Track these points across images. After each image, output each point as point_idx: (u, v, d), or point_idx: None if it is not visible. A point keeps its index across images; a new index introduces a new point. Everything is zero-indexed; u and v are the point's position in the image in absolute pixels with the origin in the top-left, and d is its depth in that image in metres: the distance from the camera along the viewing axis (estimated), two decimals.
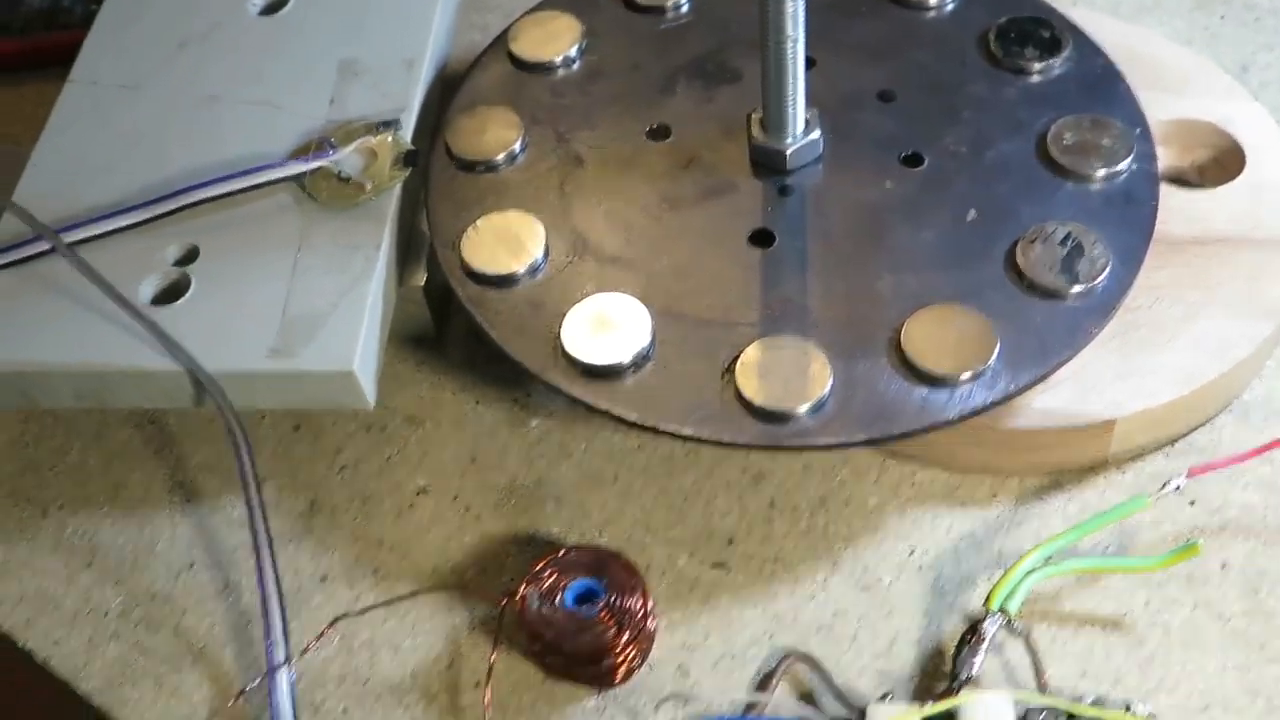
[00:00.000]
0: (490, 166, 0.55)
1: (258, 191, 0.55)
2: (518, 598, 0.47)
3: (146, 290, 0.53)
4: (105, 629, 0.52)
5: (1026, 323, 0.48)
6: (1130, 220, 0.51)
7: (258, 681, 0.49)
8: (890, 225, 0.52)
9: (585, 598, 0.47)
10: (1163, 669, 0.47)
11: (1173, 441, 0.53)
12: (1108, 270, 0.49)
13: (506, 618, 0.49)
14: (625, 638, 0.47)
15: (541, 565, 0.48)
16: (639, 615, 0.47)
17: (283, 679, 0.48)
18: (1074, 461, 0.52)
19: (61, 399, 0.52)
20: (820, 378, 0.47)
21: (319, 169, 0.55)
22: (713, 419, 0.47)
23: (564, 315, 0.50)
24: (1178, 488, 0.49)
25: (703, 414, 0.47)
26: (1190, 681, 0.47)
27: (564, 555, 0.48)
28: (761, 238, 0.52)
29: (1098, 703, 0.45)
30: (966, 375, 0.46)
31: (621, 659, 0.47)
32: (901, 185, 0.53)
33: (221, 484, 0.55)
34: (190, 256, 0.54)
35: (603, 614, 0.46)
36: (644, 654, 0.48)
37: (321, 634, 0.50)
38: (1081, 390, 0.50)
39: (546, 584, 0.47)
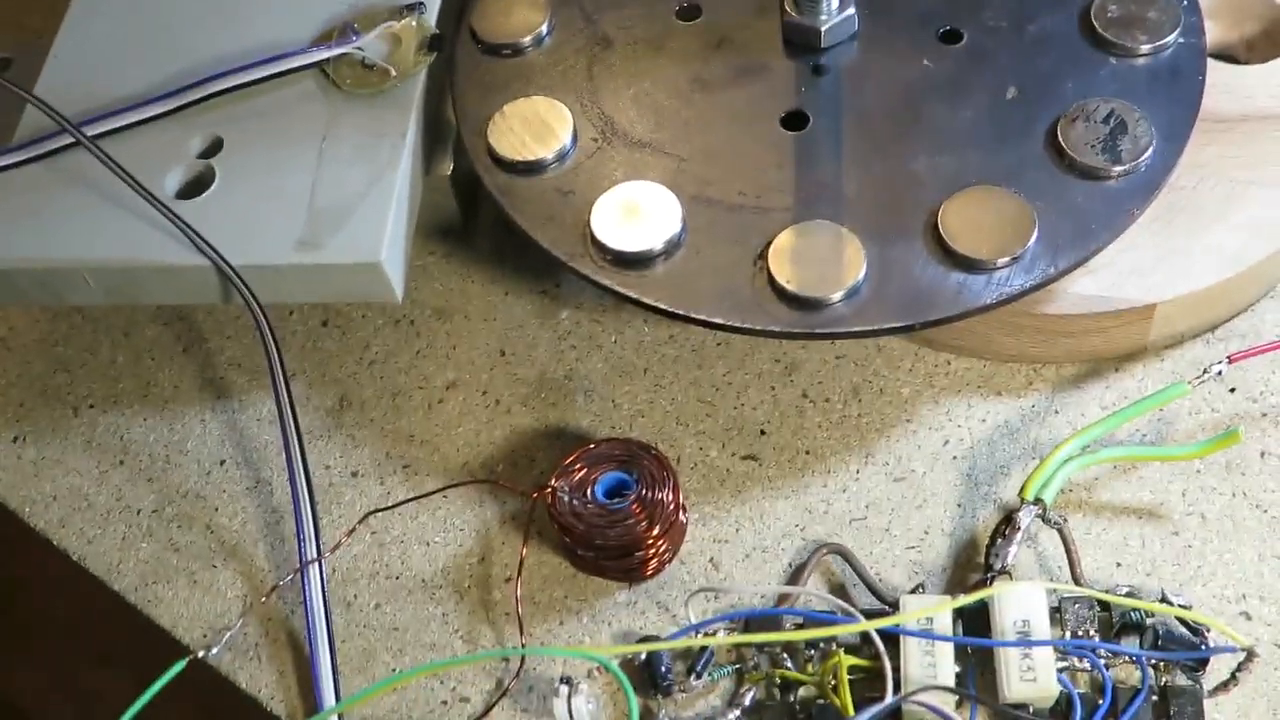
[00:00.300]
0: (517, 50, 0.54)
1: (281, 80, 0.54)
2: (548, 491, 0.47)
3: (171, 183, 0.52)
4: (138, 527, 0.52)
5: (1067, 204, 0.47)
6: (1176, 96, 0.49)
7: (290, 578, 0.49)
8: (927, 105, 0.50)
9: (616, 491, 0.47)
10: (1199, 559, 0.47)
11: (1213, 328, 0.52)
12: (1151, 149, 0.47)
13: (537, 512, 0.49)
14: (656, 531, 0.46)
15: (572, 459, 0.47)
16: (670, 508, 0.47)
17: (315, 575, 0.48)
18: (1112, 349, 0.51)
19: (88, 295, 0.52)
20: (854, 263, 0.46)
21: (343, 55, 0.53)
22: (744, 307, 0.46)
23: (593, 203, 0.49)
24: (1218, 374, 0.48)
25: (734, 302, 0.46)
26: (1226, 571, 0.46)
27: (594, 448, 0.48)
28: (795, 120, 0.51)
29: (1132, 594, 0.45)
30: (1004, 259, 0.45)
31: (652, 552, 0.47)
32: (939, 63, 0.51)
33: (250, 380, 0.55)
34: (214, 148, 0.53)
35: (634, 507, 0.46)
36: (675, 547, 0.48)
37: (353, 530, 0.50)
38: (1121, 275, 0.49)
39: (577, 477, 0.47)
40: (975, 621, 0.44)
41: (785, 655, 0.45)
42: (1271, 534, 0.47)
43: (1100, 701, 0.43)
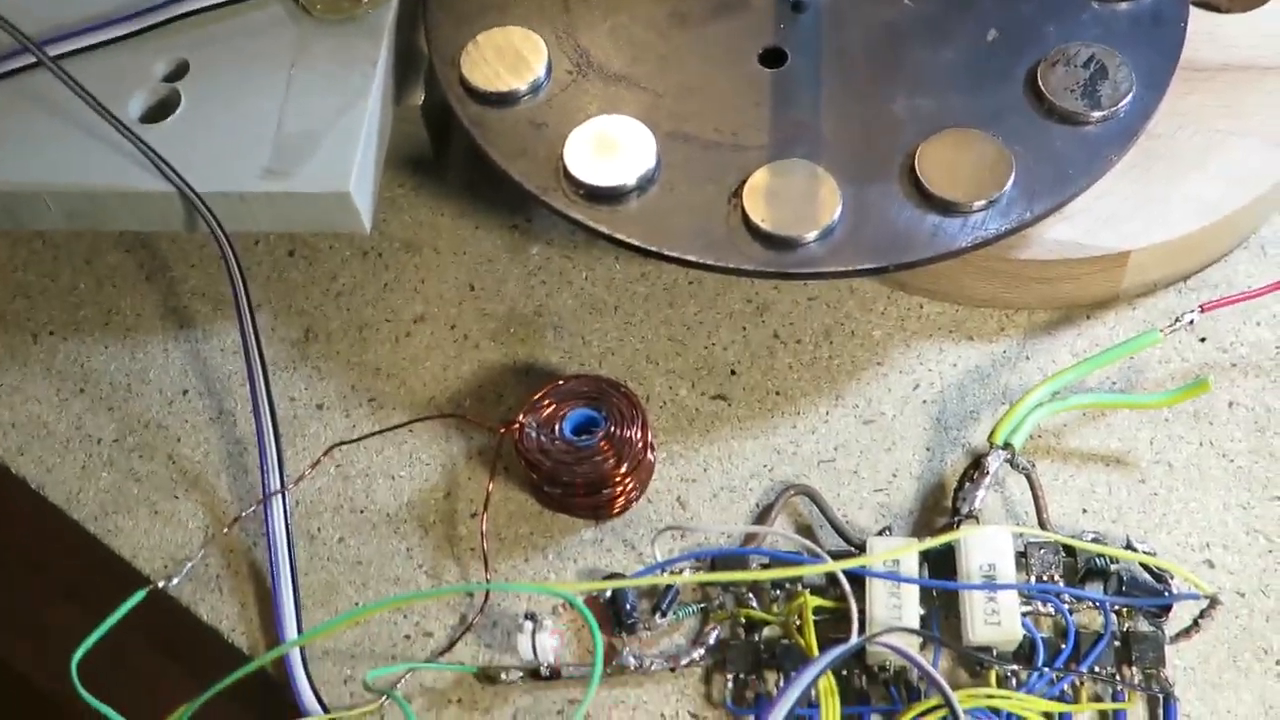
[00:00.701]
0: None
1: (250, 4, 0.53)
2: (515, 427, 0.46)
3: (135, 107, 0.51)
4: (99, 456, 0.51)
5: (1045, 149, 0.46)
6: (1157, 43, 0.49)
7: (253, 509, 0.48)
8: (907, 45, 0.50)
9: (584, 428, 0.47)
10: (1164, 507, 0.47)
11: (1186, 277, 0.52)
12: (1131, 95, 0.47)
13: (504, 448, 0.48)
14: (624, 469, 0.46)
15: (540, 394, 0.47)
16: (638, 446, 0.46)
17: (278, 507, 0.48)
18: (1085, 296, 0.51)
19: (50, 220, 0.51)
20: (830, 203, 0.45)
21: None
22: (718, 244, 0.46)
23: (567, 136, 0.48)
24: (1190, 323, 0.48)
25: (708, 239, 0.46)
26: (1191, 520, 0.46)
27: (563, 385, 0.47)
28: (773, 57, 0.50)
29: (1098, 540, 0.45)
30: (980, 203, 0.45)
31: (620, 490, 0.47)
32: (920, 2, 0.51)
33: (215, 310, 0.55)
34: (180, 72, 0.52)
35: (601, 444, 0.46)
36: (642, 485, 0.48)
37: (317, 462, 0.50)
38: (1096, 221, 0.49)
39: (545, 413, 0.47)
40: (941, 565, 0.45)
41: (750, 595, 0.45)
42: (1236, 483, 0.47)
43: (1063, 646, 0.43)
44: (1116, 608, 0.43)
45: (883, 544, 0.44)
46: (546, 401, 0.47)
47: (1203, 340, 0.50)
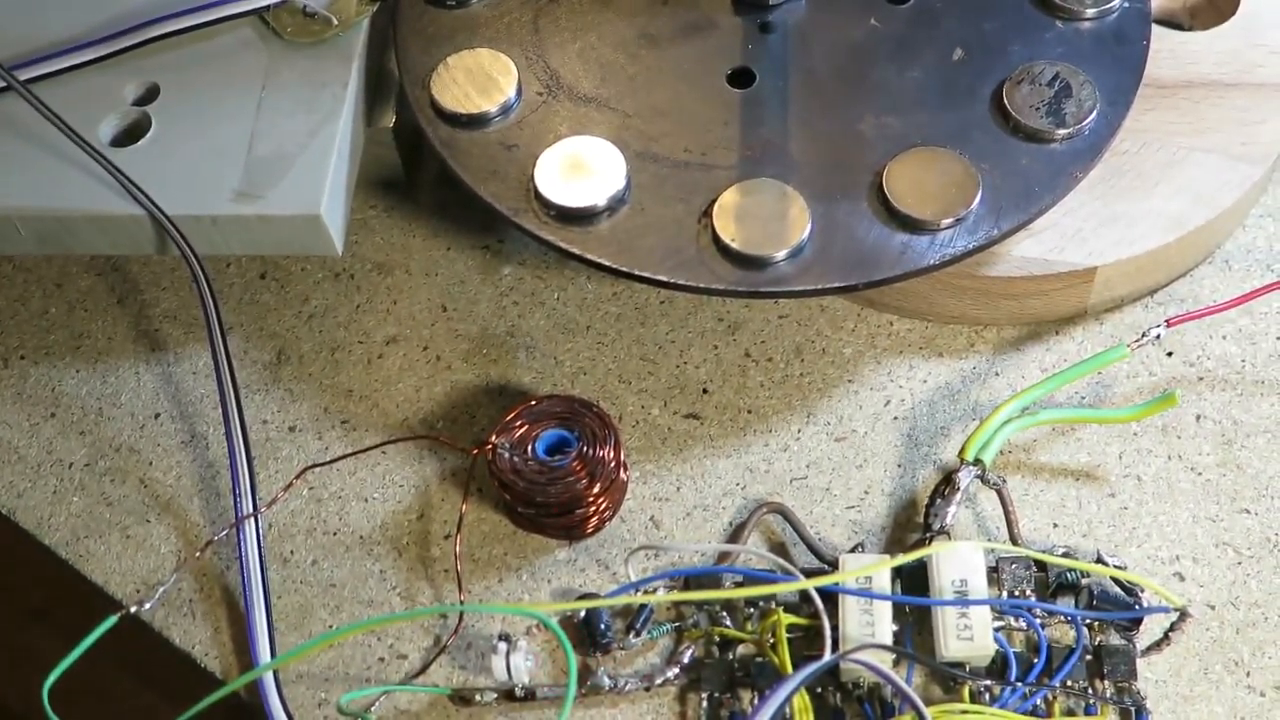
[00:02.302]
0: (461, 1, 0.53)
1: (220, 26, 0.53)
2: (488, 448, 0.46)
3: (106, 130, 0.51)
4: (70, 480, 0.51)
5: (1011, 166, 0.47)
6: (1120, 61, 0.49)
7: (225, 533, 0.48)
8: (874, 65, 0.50)
9: (557, 448, 0.47)
10: (1134, 520, 0.47)
11: (1152, 292, 0.52)
12: (1095, 113, 0.47)
13: (477, 469, 0.49)
14: (597, 489, 0.46)
15: (512, 415, 0.47)
16: (611, 465, 0.46)
17: (250, 530, 0.48)
18: (1053, 312, 0.51)
19: (20, 244, 0.51)
20: (799, 222, 0.46)
21: (284, 3, 0.53)
22: (688, 264, 0.46)
23: (537, 157, 0.48)
24: (1157, 338, 0.48)
25: (678, 259, 0.46)
26: (1161, 533, 0.47)
27: (535, 405, 0.47)
28: (741, 77, 0.50)
29: (1068, 554, 0.45)
30: (948, 220, 0.45)
31: (593, 510, 0.47)
32: (887, 22, 0.51)
33: (186, 333, 0.54)
34: (150, 95, 0.52)
35: (574, 464, 0.46)
36: (615, 505, 0.48)
37: (290, 485, 0.50)
38: (1063, 238, 0.50)
39: (518, 434, 0.47)
40: (914, 581, 0.45)
41: (724, 613, 0.45)
42: (1205, 496, 0.47)
43: (1035, 660, 0.43)
44: (1088, 622, 0.44)
45: (855, 561, 0.45)
46: (519, 422, 0.47)
47: (1169, 355, 0.50)
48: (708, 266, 0.46)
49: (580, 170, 0.48)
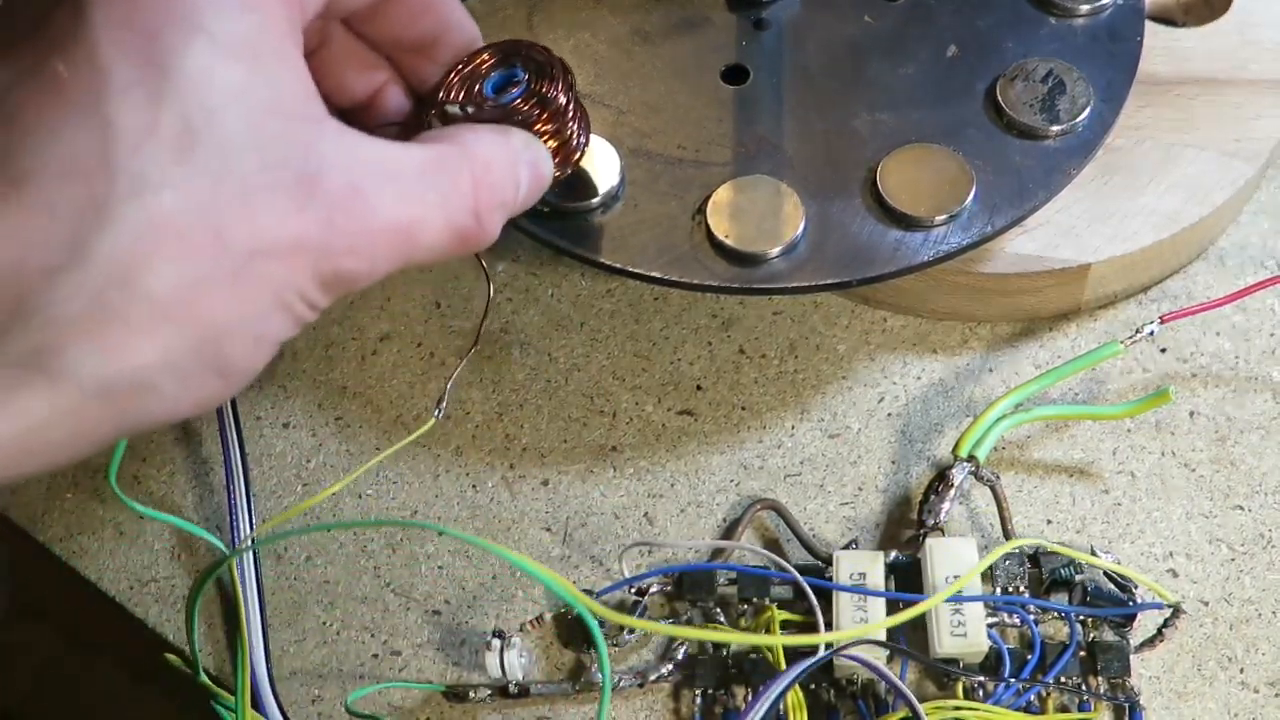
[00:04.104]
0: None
1: None
2: (433, 114, 0.40)
3: None
4: (63, 476, 0.51)
5: (1005, 163, 0.47)
6: (1114, 57, 0.49)
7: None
8: (868, 61, 0.50)
9: (503, 88, 0.41)
10: (1127, 517, 0.47)
11: (1146, 289, 0.52)
12: (1089, 109, 0.47)
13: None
14: (570, 107, 0.41)
15: (450, 75, 0.41)
16: (561, 88, 0.41)
17: (244, 526, 0.48)
18: (1047, 308, 0.51)
19: None
20: (793, 219, 0.46)
21: None
22: (683, 261, 0.46)
23: None
24: (1151, 334, 0.48)
25: (673, 256, 0.46)
26: (1154, 529, 0.47)
27: (464, 67, 0.41)
28: (735, 74, 0.50)
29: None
30: (942, 217, 0.45)
31: (573, 132, 0.41)
32: (881, 19, 0.51)
33: None
34: None
35: (522, 100, 0.40)
36: (586, 130, 0.42)
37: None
38: (1056, 234, 0.50)
39: (463, 90, 0.40)
40: (907, 577, 0.45)
41: (718, 610, 0.45)
42: (1199, 493, 0.47)
43: (1029, 656, 0.43)
44: (1081, 618, 0.44)
45: (849, 557, 0.45)
46: (454, 79, 0.41)
47: (1163, 351, 0.51)
48: (702, 263, 0.46)
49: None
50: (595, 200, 0.47)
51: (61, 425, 0.28)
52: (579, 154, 0.42)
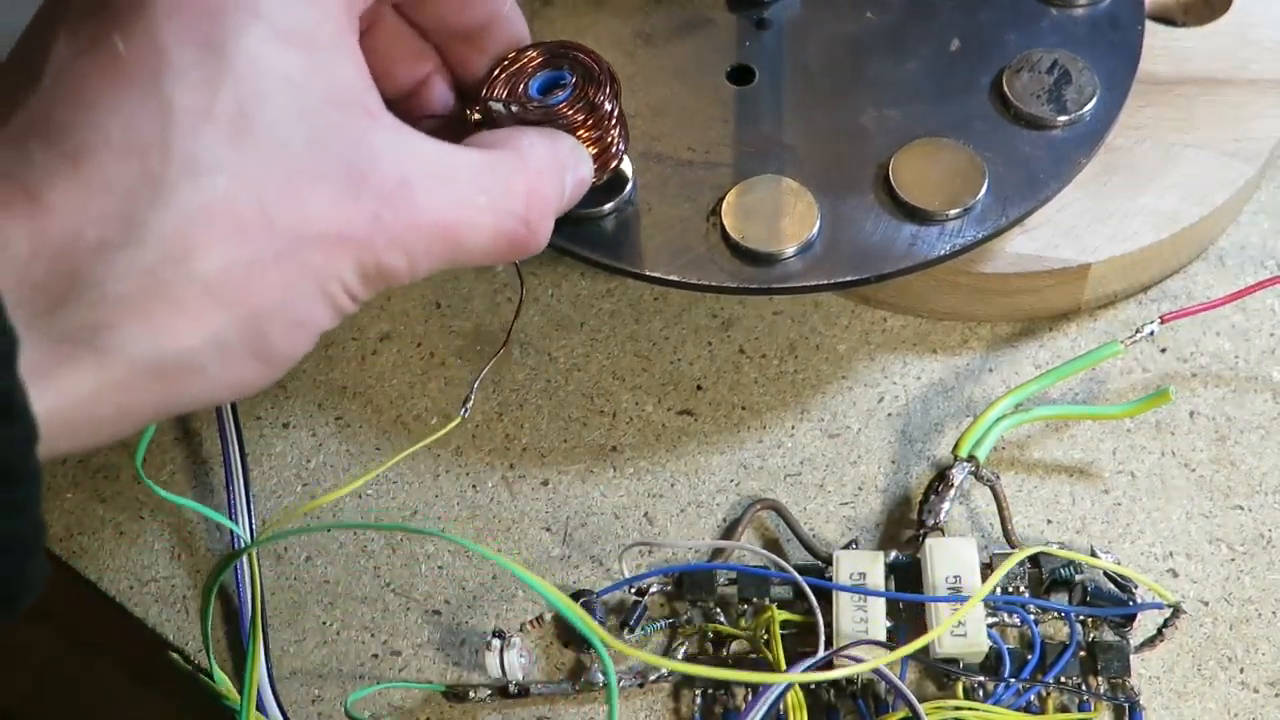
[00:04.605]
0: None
1: None
2: (476, 112, 0.40)
3: None
4: (63, 476, 0.51)
5: (1014, 154, 0.47)
6: (1116, 47, 0.49)
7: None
8: (872, 58, 0.50)
9: (549, 89, 0.41)
10: (1128, 517, 0.47)
11: (1146, 289, 0.52)
12: (1095, 98, 0.47)
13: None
14: (614, 112, 0.41)
15: (496, 71, 0.41)
16: (608, 95, 0.41)
17: (244, 527, 0.48)
18: (1047, 308, 0.51)
19: None
20: (808, 217, 0.46)
21: None
22: (698, 263, 0.45)
23: None
24: (1150, 334, 0.48)
25: (688, 258, 0.46)
26: (1154, 529, 0.47)
27: (510, 64, 0.41)
28: (740, 74, 0.50)
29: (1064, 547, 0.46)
30: (956, 210, 0.45)
31: (612, 138, 0.42)
32: (882, 15, 0.51)
33: None
34: None
35: (579, 91, 0.40)
36: (625, 138, 0.42)
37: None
38: (1056, 234, 0.50)
39: (506, 89, 0.40)
40: (907, 577, 0.45)
41: (718, 610, 0.45)
42: (1199, 493, 0.47)
43: (1029, 656, 0.43)
44: (1081, 618, 0.44)
45: (849, 557, 0.45)
46: (502, 76, 0.41)
47: (1163, 351, 0.51)
48: (718, 265, 0.45)
49: None
50: (608, 205, 0.46)
51: (108, 402, 0.28)
52: (617, 161, 0.42)
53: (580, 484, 0.49)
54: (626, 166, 0.47)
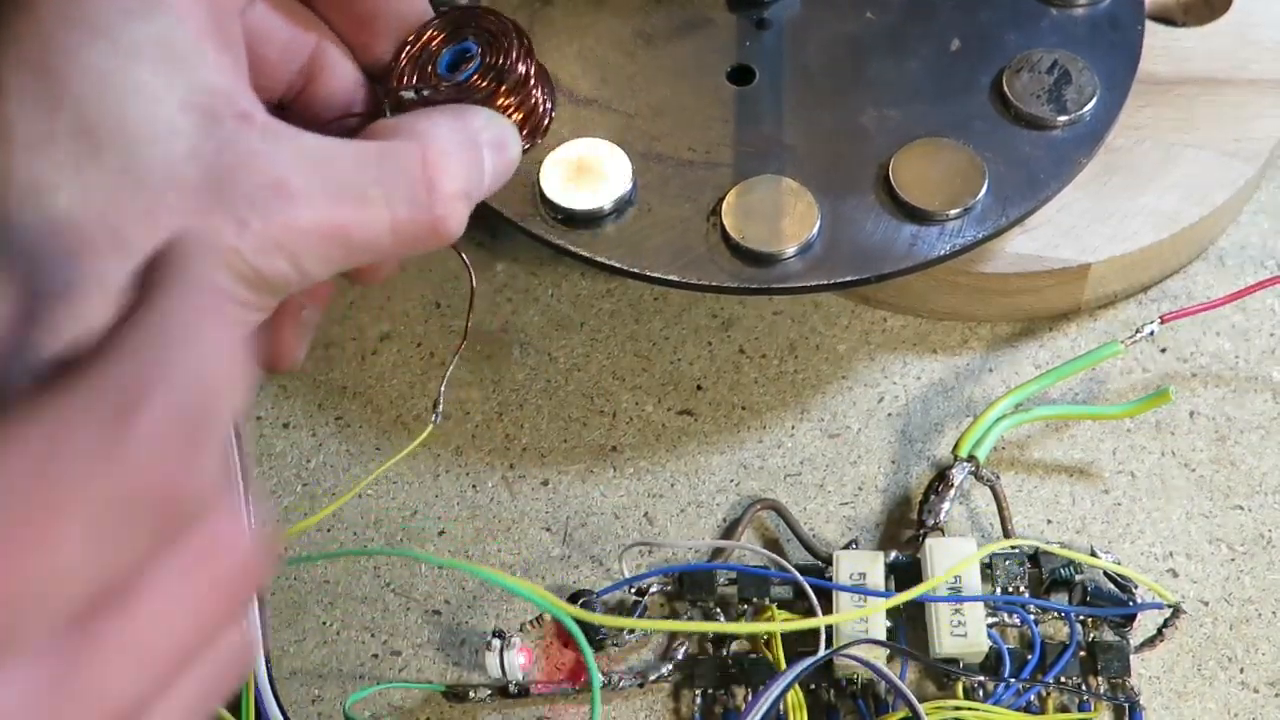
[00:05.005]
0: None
1: None
2: (386, 100, 0.38)
3: None
4: None
5: (1014, 154, 0.47)
6: (1116, 47, 0.49)
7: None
8: (872, 58, 0.50)
9: (458, 65, 0.39)
10: (1127, 517, 0.47)
11: (1146, 289, 0.52)
12: (1095, 98, 0.47)
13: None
14: (517, 87, 0.39)
15: (400, 57, 0.38)
16: (518, 56, 0.39)
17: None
18: (1047, 308, 0.51)
19: None
20: (808, 217, 0.46)
21: None
22: (699, 263, 0.45)
23: (541, 161, 0.48)
24: (1150, 334, 0.48)
25: (689, 259, 0.46)
26: (1154, 529, 0.47)
27: (416, 40, 0.39)
28: (740, 74, 0.50)
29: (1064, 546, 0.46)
30: (956, 210, 0.45)
31: (537, 100, 0.40)
32: (882, 15, 0.51)
33: None
34: None
35: (479, 75, 0.38)
36: (551, 95, 0.42)
37: None
38: (1056, 234, 0.50)
39: (415, 71, 0.38)
40: (907, 577, 0.45)
41: (719, 610, 0.45)
42: (1199, 493, 0.47)
43: (1029, 656, 0.43)
44: (1081, 618, 0.44)
45: (849, 557, 0.45)
46: (403, 60, 0.39)
47: (1163, 351, 0.51)
48: (718, 265, 0.45)
49: (585, 173, 0.47)
50: (608, 206, 0.46)
51: None
52: (548, 120, 0.41)
53: (580, 484, 0.49)
54: (627, 166, 0.47)
